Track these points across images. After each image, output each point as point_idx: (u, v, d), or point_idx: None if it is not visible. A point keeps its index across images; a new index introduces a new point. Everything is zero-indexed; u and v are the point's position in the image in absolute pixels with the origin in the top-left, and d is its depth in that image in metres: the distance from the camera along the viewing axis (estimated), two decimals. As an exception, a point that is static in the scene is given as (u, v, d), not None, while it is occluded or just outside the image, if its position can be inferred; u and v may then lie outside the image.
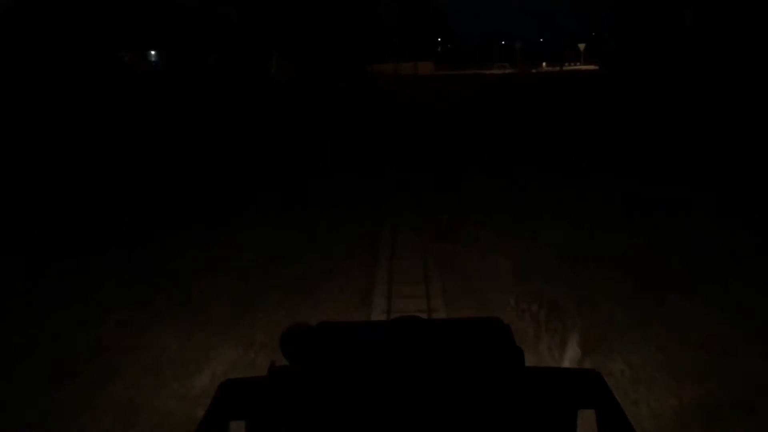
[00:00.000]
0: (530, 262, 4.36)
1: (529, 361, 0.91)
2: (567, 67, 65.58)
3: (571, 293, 3.79)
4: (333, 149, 10.70)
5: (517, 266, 4.29)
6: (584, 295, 3.75)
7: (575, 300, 3.68)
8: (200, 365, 3.03)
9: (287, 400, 0.85)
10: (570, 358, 3.00)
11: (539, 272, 4.16)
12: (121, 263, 4.59)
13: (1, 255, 5.03)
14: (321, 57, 35.05)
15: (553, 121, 14.18)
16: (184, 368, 3.01)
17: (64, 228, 5.71)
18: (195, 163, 9.40)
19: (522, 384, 0.85)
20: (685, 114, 14.48)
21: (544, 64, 79.60)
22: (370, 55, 44.79)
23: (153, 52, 44.59)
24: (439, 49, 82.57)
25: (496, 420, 0.80)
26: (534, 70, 66.90)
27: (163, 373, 2.96)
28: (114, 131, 12.12)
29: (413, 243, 4.89)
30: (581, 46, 76.95)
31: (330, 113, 16.55)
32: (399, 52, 51.54)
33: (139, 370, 3.01)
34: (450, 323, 1.02)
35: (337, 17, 36.63)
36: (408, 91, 28.93)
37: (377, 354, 0.90)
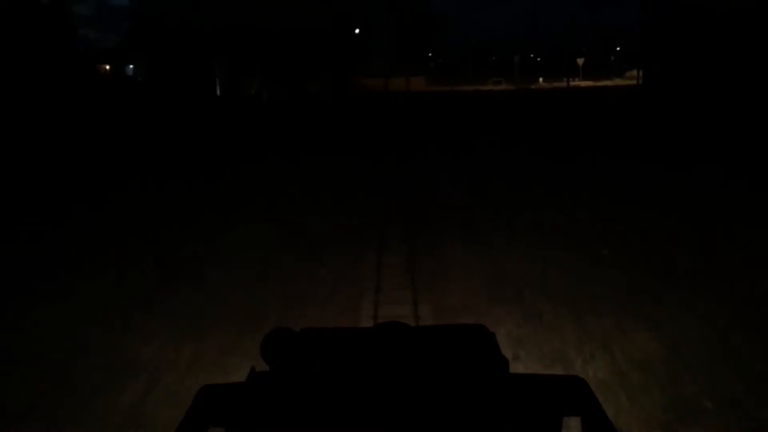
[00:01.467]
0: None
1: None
2: (572, 83, 61.05)
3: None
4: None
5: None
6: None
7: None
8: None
9: (267, 406, 0.85)
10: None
11: None
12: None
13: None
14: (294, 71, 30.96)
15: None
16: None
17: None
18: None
19: (506, 391, 0.85)
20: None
21: (540, 79, 75.52)
22: (353, 69, 40.53)
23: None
24: (431, 64, 78.72)
25: (480, 428, 0.81)
26: (533, 86, 62.35)
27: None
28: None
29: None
30: (580, 61, 72.98)
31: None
32: (387, 65, 47.25)
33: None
34: (434, 330, 1.04)
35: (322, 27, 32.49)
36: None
37: (360, 360, 0.89)
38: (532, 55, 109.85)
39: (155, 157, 13.22)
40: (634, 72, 62.87)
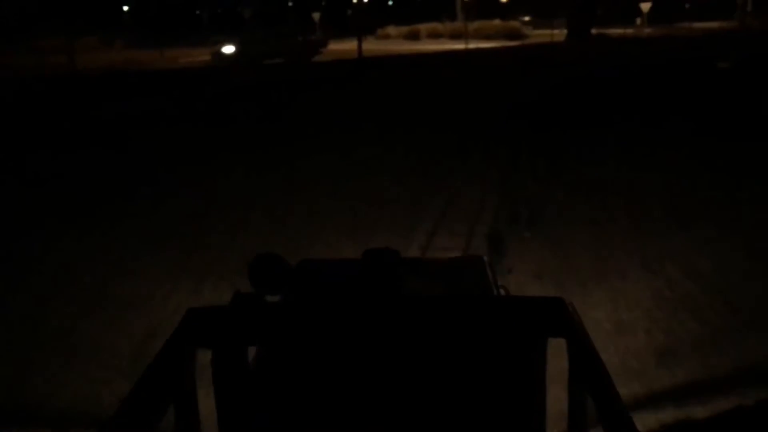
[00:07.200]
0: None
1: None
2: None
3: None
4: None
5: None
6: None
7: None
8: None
9: (253, 328, 0.88)
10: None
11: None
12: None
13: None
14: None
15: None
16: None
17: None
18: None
19: (495, 315, 0.89)
20: None
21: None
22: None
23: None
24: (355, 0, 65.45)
25: (467, 351, 0.86)
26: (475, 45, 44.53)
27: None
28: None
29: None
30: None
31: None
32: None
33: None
34: (428, 260, 1.27)
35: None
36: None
37: (347, 287, 0.95)
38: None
39: None
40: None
